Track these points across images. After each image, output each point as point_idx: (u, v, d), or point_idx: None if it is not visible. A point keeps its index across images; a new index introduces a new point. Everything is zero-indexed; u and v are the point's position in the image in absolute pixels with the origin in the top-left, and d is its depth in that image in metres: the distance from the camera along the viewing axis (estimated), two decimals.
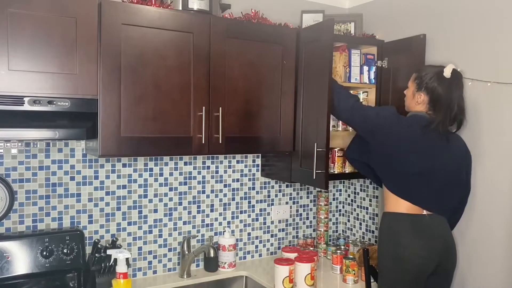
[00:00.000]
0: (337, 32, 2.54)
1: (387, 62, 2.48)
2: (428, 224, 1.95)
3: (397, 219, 1.98)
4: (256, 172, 2.63)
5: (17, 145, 2.01)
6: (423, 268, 1.93)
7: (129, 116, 1.88)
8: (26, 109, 1.68)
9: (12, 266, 1.90)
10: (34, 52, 1.67)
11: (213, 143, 2.05)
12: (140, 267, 2.30)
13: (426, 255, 1.92)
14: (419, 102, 2.02)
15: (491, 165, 2.09)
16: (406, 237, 1.93)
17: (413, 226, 1.94)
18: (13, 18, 1.63)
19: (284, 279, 2.08)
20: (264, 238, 2.68)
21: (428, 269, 1.94)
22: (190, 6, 2.03)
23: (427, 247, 1.92)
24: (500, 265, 2.06)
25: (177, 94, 1.97)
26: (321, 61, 2.13)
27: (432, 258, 1.93)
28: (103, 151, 1.84)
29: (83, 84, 1.76)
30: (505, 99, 2.02)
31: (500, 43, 2.04)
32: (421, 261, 1.92)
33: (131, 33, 1.86)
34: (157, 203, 2.34)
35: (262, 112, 2.20)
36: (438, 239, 1.96)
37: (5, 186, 1.91)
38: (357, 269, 2.27)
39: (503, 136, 2.04)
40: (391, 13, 2.57)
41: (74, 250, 2.01)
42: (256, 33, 2.15)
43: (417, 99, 2.03)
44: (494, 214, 2.08)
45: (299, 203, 2.80)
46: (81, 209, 2.15)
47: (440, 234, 1.98)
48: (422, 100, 2.01)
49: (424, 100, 2.01)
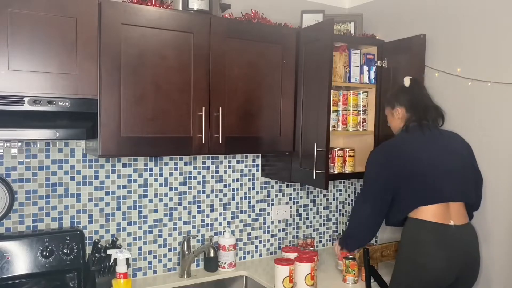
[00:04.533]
0: (337, 32, 2.54)
1: (387, 62, 2.48)
2: (453, 235, 1.88)
3: (421, 227, 1.90)
4: (256, 172, 2.63)
5: (17, 145, 2.01)
6: (441, 280, 1.88)
7: (129, 116, 1.88)
8: (26, 109, 1.68)
9: (12, 266, 1.90)
10: (34, 52, 1.67)
11: (213, 143, 2.05)
12: (140, 267, 2.30)
13: (445, 267, 1.86)
14: (400, 117, 2.09)
15: (491, 165, 2.08)
16: (427, 245, 1.87)
17: (437, 236, 1.87)
18: (13, 18, 1.63)
19: (284, 279, 2.08)
20: (264, 238, 2.68)
21: (446, 282, 1.89)
22: (190, 6, 2.03)
23: (448, 258, 1.86)
24: (500, 266, 2.06)
25: (177, 94, 1.97)
26: (321, 61, 2.13)
27: (451, 271, 1.88)
28: (103, 151, 1.84)
29: (83, 84, 1.76)
30: (505, 99, 2.02)
31: (500, 43, 2.04)
32: (439, 272, 1.86)
33: (131, 33, 1.86)
34: (157, 203, 2.34)
35: (262, 112, 2.20)
36: (462, 252, 1.89)
37: (5, 186, 1.91)
38: (357, 269, 2.27)
39: (503, 136, 2.04)
40: (391, 13, 2.57)
41: (74, 250, 2.01)
42: (256, 33, 2.15)
43: (397, 115, 2.09)
44: (495, 214, 2.08)
45: (299, 203, 2.80)
46: (81, 209, 2.15)
47: (465, 247, 1.91)
48: (401, 113, 2.08)
49: (402, 112, 2.08)
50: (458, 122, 2.19)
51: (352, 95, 2.52)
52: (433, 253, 1.86)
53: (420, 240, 1.90)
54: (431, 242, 1.87)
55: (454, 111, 2.20)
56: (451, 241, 1.88)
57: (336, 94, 2.48)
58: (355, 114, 2.52)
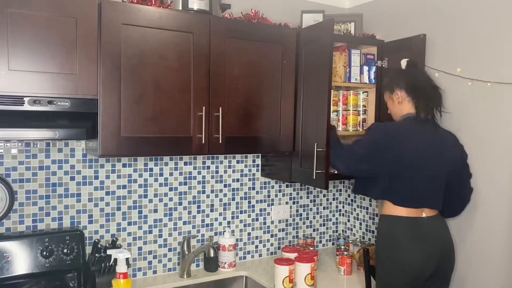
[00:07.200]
0: (337, 32, 2.54)
1: (387, 62, 2.48)
2: (427, 226, 1.95)
3: (395, 222, 1.96)
4: (256, 172, 2.63)
5: (17, 145, 2.01)
6: (421, 271, 1.93)
7: (129, 116, 1.88)
8: (26, 109, 1.68)
9: (12, 266, 1.90)
10: (34, 52, 1.67)
11: (213, 143, 2.05)
12: (140, 267, 2.30)
13: (424, 259, 1.91)
14: (400, 101, 2.05)
15: (491, 165, 2.08)
16: (404, 240, 1.92)
17: (412, 229, 1.93)
18: (13, 18, 1.63)
19: (284, 279, 2.08)
20: (264, 238, 2.68)
21: (426, 272, 1.94)
22: (190, 6, 2.03)
23: (426, 250, 1.92)
24: (501, 266, 2.06)
25: (177, 94, 1.97)
26: (321, 61, 2.13)
27: (430, 261, 1.93)
28: (103, 151, 1.84)
29: (83, 84, 1.76)
30: (505, 99, 2.02)
31: (500, 43, 2.04)
32: (419, 264, 1.91)
33: (131, 33, 1.86)
34: (157, 203, 2.34)
35: (262, 112, 2.20)
36: (437, 243, 1.96)
37: (5, 186, 1.91)
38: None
39: (503, 136, 2.04)
40: (391, 13, 2.57)
41: (74, 250, 2.01)
42: (256, 33, 2.15)
43: (397, 99, 2.06)
44: (495, 214, 2.08)
45: (299, 203, 2.80)
46: (81, 209, 2.15)
47: (439, 237, 1.98)
48: (401, 96, 2.04)
49: (402, 95, 2.04)
50: (458, 122, 2.19)
51: (352, 95, 2.51)
52: (410, 247, 1.91)
53: (396, 236, 1.94)
54: (407, 236, 1.92)
55: (454, 111, 2.21)
56: (426, 232, 1.93)
57: (336, 94, 2.48)
58: (355, 114, 2.52)
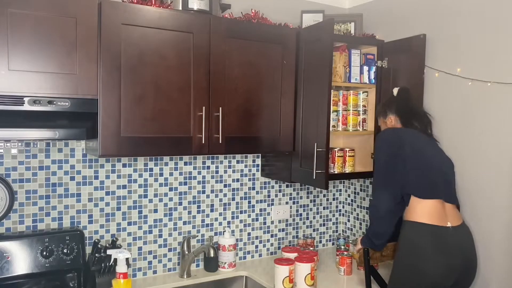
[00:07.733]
0: (337, 32, 2.54)
1: (387, 62, 2.48)
2: (451, 238, 1.90)
3: (419, 229, 1.91)
4: (256, 172, 2.63)
5: (17, 145, 2.01)
6: (440, 284, 1.89)
7: (129, 116, 1.88)
8: (26, 109, 1.68)
9: (12, 266, 1.90)
10: (34, 52, 1.67)
11: (213, 143, 2.05)
12: (140, 267, 2.30)
13: (446, 271, 1.87)
14: (393, 124, 2.13)
15: (491, 166, 2.08)
16: (428, 250, 1.87)
17: (435, 240, 1.88)
18: (13, 18, 1.63)
19: (284, 279, 2.08)
20: (264, 238, 2.68)
21: (446, 284, 1.91)
22: (190, 6, 2.03)
23: (448, 263, 1.87)
24: (501, 266, 2.06)
25: (177, 94, 1.97)
26: (321, 61, 2.13)
27: (450, 275, 1.89)
28: (103, 151, 1.84)
29: (83, 84, 1.76)
30: (505, 99, 2.02)
31: (500, 43, 2.04)
32: (441, 277, 1.87)
33: (131, 33, 1.86)
34: (157, 203, 2.34)
35: (262, 112, 2.20)
36: (460, 255, 1.91)
37: (5, 186, 1.91)
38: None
39: (503, 136, 2.04)
40: (391, 13, 2.57)
41: (74, 250, 2.01)
42: (256, 33, 2.15)
43: (390, 123, 2.15)
44: (494, 215, 2.08)
45: (299, 203, 2.80)
46: (81, 209, 2.15)
47: (463, 249, 1.93)
48: (393, 120, 2.14)
49: (395, 119, 2.13)
50: (458, 122, 2.20)
51: (352, 95, 2.51)
52: (432, 259, 1.87)
53: (419, 245, 1.90)
54: (431, 247, 1.88)
55: (454, 111, 2.21)
56: (450, 244, 1.89)
57: (336, 94, 2.48)
58: (355, 114, 2.52)
